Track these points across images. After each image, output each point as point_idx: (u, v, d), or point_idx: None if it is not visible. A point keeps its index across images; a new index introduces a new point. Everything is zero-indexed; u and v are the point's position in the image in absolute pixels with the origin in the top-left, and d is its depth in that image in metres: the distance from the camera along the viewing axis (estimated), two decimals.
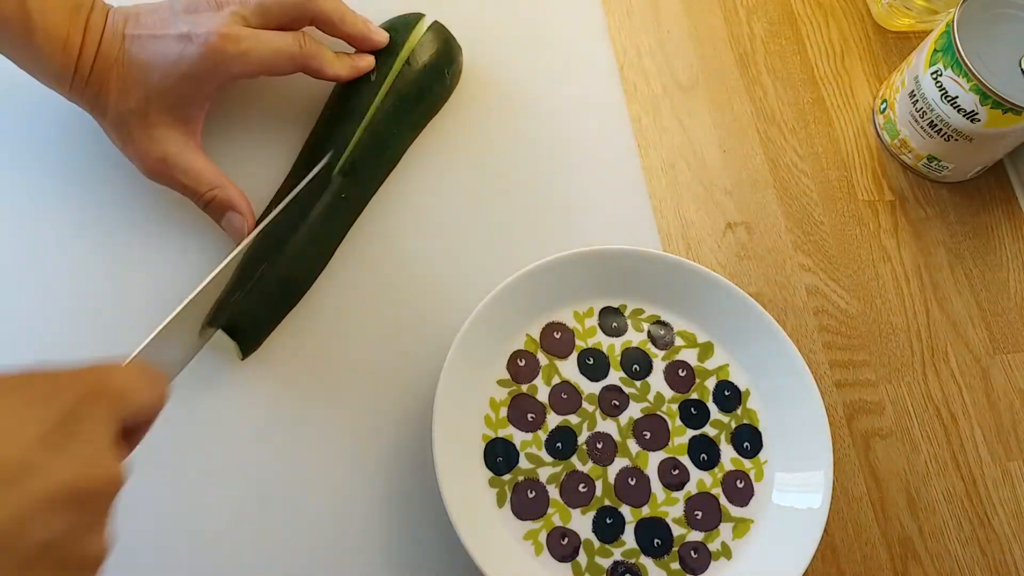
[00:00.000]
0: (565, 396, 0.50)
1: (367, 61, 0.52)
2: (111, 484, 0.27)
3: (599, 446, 0.49)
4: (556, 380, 0.50)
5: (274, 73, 0.48)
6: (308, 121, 0.54)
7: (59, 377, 0.27)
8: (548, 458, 0.49)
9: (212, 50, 0.45)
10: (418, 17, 0.55)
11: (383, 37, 0.52)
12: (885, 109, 0.62)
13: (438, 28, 0.55)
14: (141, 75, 0.45)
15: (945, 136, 0.58)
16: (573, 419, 0.50)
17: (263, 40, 0.46)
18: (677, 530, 0.48)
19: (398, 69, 0.53)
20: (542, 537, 0.47)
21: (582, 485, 0.48)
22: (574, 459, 0.49)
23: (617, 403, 0.50)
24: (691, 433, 0.50)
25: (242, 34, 0.45)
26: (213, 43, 0.44)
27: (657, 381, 0.51)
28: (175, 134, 0.46)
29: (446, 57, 0.55)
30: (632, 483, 0.49)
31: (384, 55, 0.53)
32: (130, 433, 0.30)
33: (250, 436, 0.48)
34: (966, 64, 0.53)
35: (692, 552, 0.48)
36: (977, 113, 0.55)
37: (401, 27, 0.54)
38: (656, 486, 0.49)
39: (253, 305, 0.47)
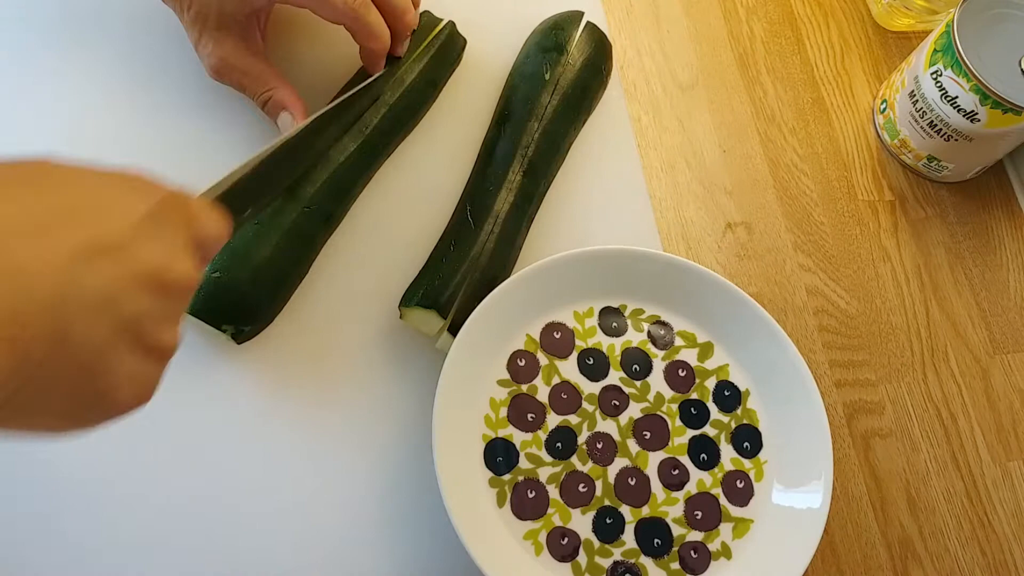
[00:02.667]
0: (565, 396, 0.50)
1: (394, 51, 0.53)
2: (189, 281, 0.29)
3: (599, 446, 0.49)
4: (556, 380, 0.50)
5: (318, 11, 0.49)
6: None
7: (150, 181, 0.29)
8: (548, 458, 0.49)
9: None
10: (579, 15, 0.58)
11: (415, 20, 0.53)
12: (885, 109, 0.62)
13: (592, 26, 0.58)
14: None
15: (945, 136, 0.58)
16: (573, 419, 0.50)
17: None
18: (677, 530, 0.48)
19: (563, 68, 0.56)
20: (542, 537, 0.47)
21: (582, 485, 0.48)
22: (574, 459, 0.49)
23: (617, 403, 0.50)
24: (691, 433, 0.50)
25: None
26: None
27: (657, 381, 0.51)
28: (234, 38, 0.50)
29: (602, 55, 0.58)
30: (632, 483, 0.49)
31: (553, 53, 0.56)
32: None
33: (248, 436, 0.48)
34: (966, 64, 0.53)
35: (692, 552, 0.48)
36: (977, 113, 0.55)
37: (566, 24, 0.57)
38: (656, 486, 0.49)
39: (468, 299, 0.49)
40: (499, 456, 0.48)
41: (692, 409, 0.51)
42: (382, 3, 0.50)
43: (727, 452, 0.50)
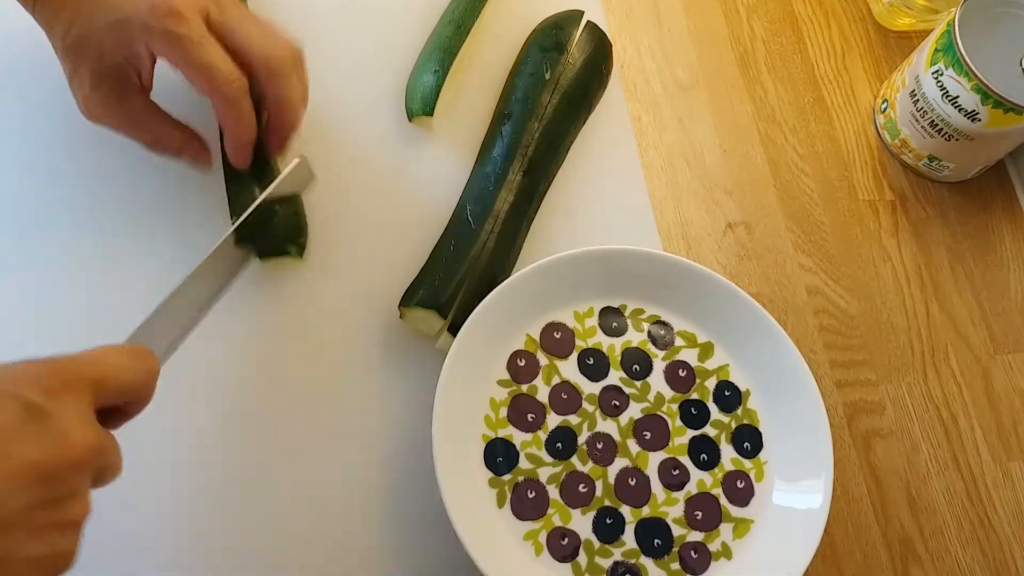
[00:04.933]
0: (565, 396, 0.50)
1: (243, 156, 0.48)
2: (80, 459, 0.30)
3: (599, 446, 0.49)
4: (556, 380, 0.50)
5: (193, 78, 0.43)
6: None
7: (24, 369, 0.30)
8: (548, 458, 0.49)
9: (155, 15, 0.41)
10: (579, 15, 0.58)
11: (297, 121, 0.48)
12: (886, 109, 0.62)
13: (592, 26, 0.58)
14: (90, 9, 0.43)
15: (946, 136, 0.58)
16: (573, 419, 0.50)
17: (207, 46, 0.42)
18: (677, 530, 0.48)
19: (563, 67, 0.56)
20: (542, 537, 0.47)
21: (582, 485, 0.48)
22: (574, 459, 0.49)
23: (617, 403, 0.50)
24: (691, 433, 0.50)
25: (193, 24, 0.42)
26: (161, 10, 0.41)
27: (657, 381, 0.51)
28: (112, 79, 0.44)
29: (603, 54, 0.58)
30: (632, 483, 0.49)
31: (553, 52, 0.56)
32: (126, 408, 0.34)
33: (247, 435, 0.48)
34: (967, 64, 0.53)
35: (692, 552, 0.48)
36: (978, 113, 0.55)
37: (566, 23, 0.57)
38: (656, 486, 0.49)
39: (468, 299, 0.49)
40: (499, 456, 0.48)
41: (692, 409, 0.51)
42: (267, 91, 0.45)
43: (727, 452, 0.50)
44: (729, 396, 0.51)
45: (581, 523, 0.48)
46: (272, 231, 0.48)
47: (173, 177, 0.52)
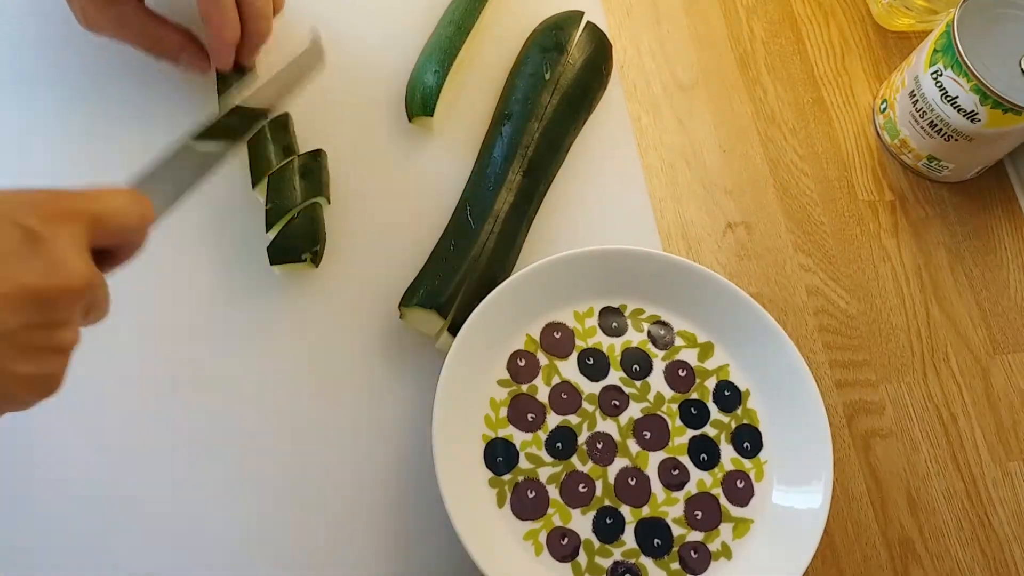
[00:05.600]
0: (565, 396, 0.50)
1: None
2: (75, 288, 0.30)
3: (599, 446, 0.49)
4: (556, 380, 0.50)
5: None
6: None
7: (24, 196, 0.31)
8: (548, 458, 0.49)
9: None
10: (579, 15, 0.58)
11: (267, 31, 0.50)
12: (885, 109, 0.62)
13: (592, 26, 0.58)
14: None
15: (945, 136, 0.58)
16: (573, 419, 0.50)
17: None
18: (677, 530, 0.48)
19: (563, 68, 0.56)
20: (542, 537, 0.47)
21: (582, 485, 0.48)
22: (574, 459, 0.49)
23: (617, 403, 0.50)
24: (691, 433, 0.50)
25: None
26: None
27: (657, 381, 0.51)
28: None
29: (603, 55, 0.58)
30: (632, 483, 0.49)
31: (553, 53, 0.56)
32: (117, 253, 0.35)
33: (247, 433, 0.48)
34: (966, 64, 0.53)
35: (692, 552, 0.48)
36: (977, 113, 0.55)
37: (566, 24, 0.57)
38: (656, 486, 0.49)
39: (468, 299, 0.49)
40: (499, 456, 0.48)
41: (692, 409, 0.51)
42: (241, 1, 0.47)
43: (727, 452, 0.50)
44: (729, 396, 0.51)
45: (581, 523, 0.48)
46: (288, 238, 0.49)
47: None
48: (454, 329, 0.48)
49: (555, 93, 0.55)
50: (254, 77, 0.52)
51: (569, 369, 0.51)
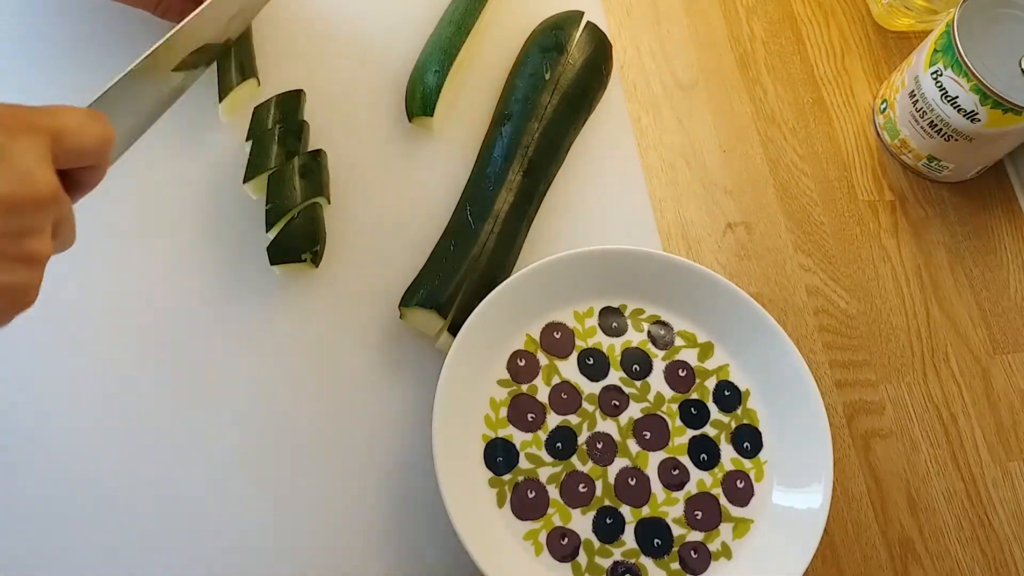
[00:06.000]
0: (565, 396, 0.50)
1: None
2: (42, 197, 0.31)
3: (599, 446, 0.49)
4: (556, 380, 0.50)
5: None
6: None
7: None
8: (548, 458, 0.49)
9: None
10: (579, 15, 0.58)
11: None
12: (885, 109, 0.62)
13: (592, 26, 0.58)
14: None
15: (945, 136, 0.58)
16: (573, 419, 0.50)
17: None
18: (677, 530, 0.48)
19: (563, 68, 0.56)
20: (542, 537, 0.47)
21: (582, 485, 0.48)
22: (574, 459, 0.49)
23: (617, 403, 0.50)
24: (691, 433, 0.50)
25: None
26: None
27: (657, 381, 0.51)
28: None
29: (603, 55, 0.58)
30: (632, 483, 0.49)
31: (553, 53, 0.56)
32: (79, 175, 0.35)
33: (248, 433, 0.48)
34: (966, 64, 0.53)
35: (692, 552, 0.48)
36: (977, 113, 0.55)
37: (566, 24, 0.57)
38: (656, 486, 0.49)
39: (468, 299, 0.49)
40: (499, 456, 0.48)
41: (692, 409, 0.51)
42: None
43: (727, 452, 0.50)
44: (729, 396, 0.51)
45: (581, 523, 0.48)
46: (288, 238, 0.49)
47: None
48: (454, 329, 0.48)
49: (555, 93, 0.55)
50: (256, 84, 0.53)
51: (569, 369, 0.51)
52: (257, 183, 0.50)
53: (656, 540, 0.48)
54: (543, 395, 0.50)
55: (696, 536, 0.48)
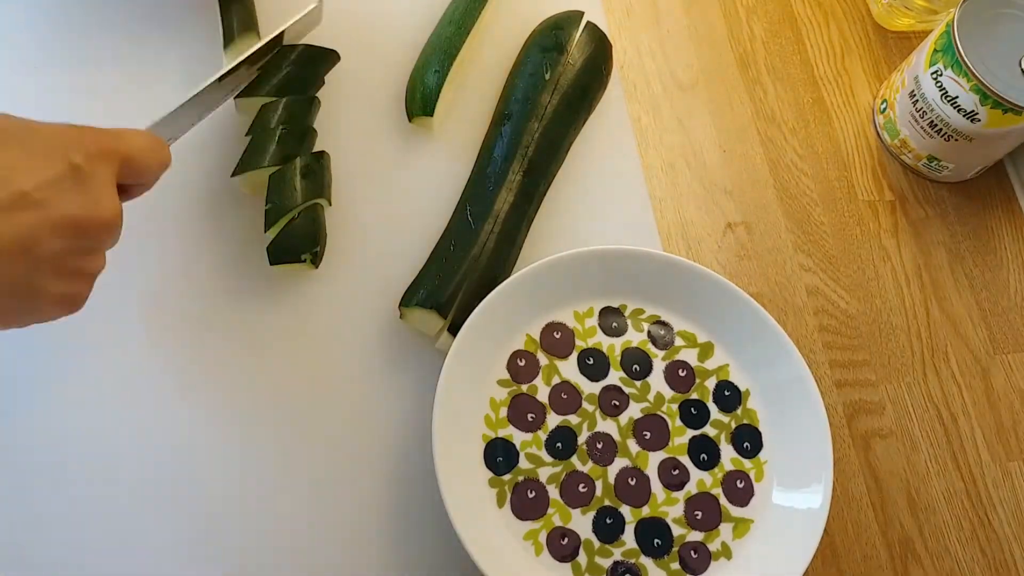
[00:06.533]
0: (565, 396, 0.50)
1: None
2: (109, 222, 0.34)
3: (599, 446, 0.49)
4: (556, 380, 0.50)
5: None
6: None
7: (70, 133, 0.34)
8: (548, 458, 0.49)
9: None
10: (579, 15, 0.58)
11: None
12: (885, 109, 0.62)
13: (592, 26, 0.58)
14: None
15: (945, 136, 0.58)
16: (573, 419, 0.50)
17: None
18: (677, 530, 0.48)
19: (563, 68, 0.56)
20: (542, 537, 0.47)
21: (582, 485, 0.48)
22: (574, 459, 0.49)
23: (617, 403, 0.50)
24: (691, 433, 0.50)
25: None
26: None
27: (657, 381, 0.51)
28: None
29: (603, 55, 0.58)
30: (632, 483, 0.49)
31: (553, 53, 0.56)
32: (130, 189, 0.38)
33: (248, 435, 0.48)
34: (966, 64, 0.53)
35: (692, 552, 0.48)
36: (977, 113, 0.55)
37: (566, 24, 0.57)
38: (656, 486, 0.49)
39: (468, 299, 0.49)
40: (499, 456, 0.48)
41: (692, 409, 0.51)
42: None
43: (727, 452, 0.50)
44: (729, 396, 0.51)
45: (581, 523, 0.48)
46: (288, 238, 0.49)
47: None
48: (454, 329, 0.48)
49: (555, 93, 0.55)
50: (256, 38, 0.54)
51: (569, 369, 0.51)
52: (249, 179, 0.50)
53: (656, 540, 0.48)
54: (543, 395, 0.50)
55: (696, 536, 0.48)
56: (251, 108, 0.51)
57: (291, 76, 0.52)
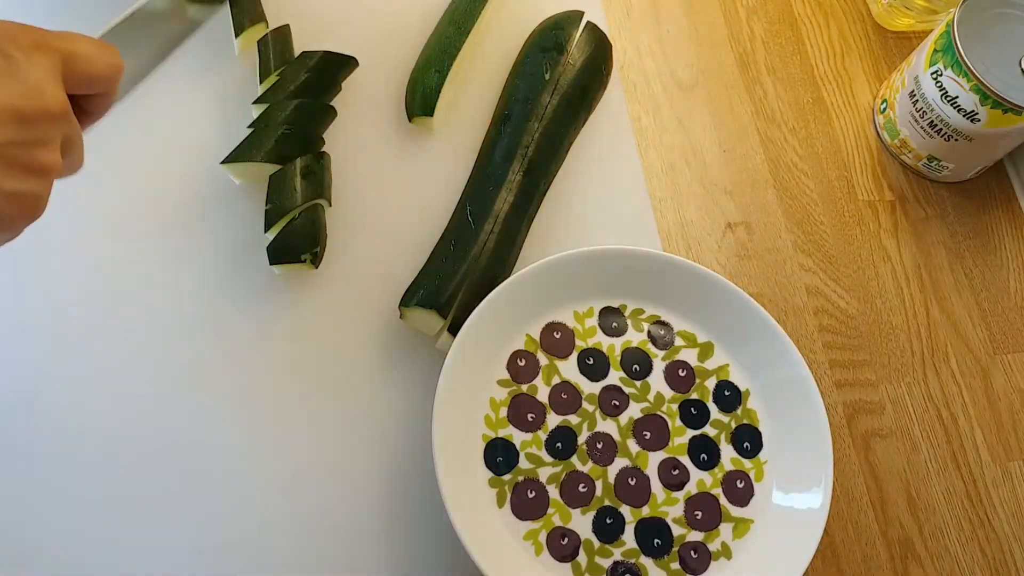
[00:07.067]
0: (565, 396, 0.50)
1: None
2: (53, 111, 0.32)
3: (599, 446, 0.49)
4: (556, 380, 0.50)
5: None
6: None
7: (5, 26, 0.32)
8: (548, 458, 0.49)
9: None
10: (579, 15, 0.58)
11: None
12: (885, 109, 0.62)
13: (592, 26, 0.58)
14: None
15: (945, 136, 0.58)
16: (573, 419, 0.50)
17: None
18: (677, 530, 0.48)
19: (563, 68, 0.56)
20: (542, 537, 0.47)
21: (582, 485, 0.48)
22: (574, 459, 0.49)
23: (617, 403, 0.50)
24: (691, 433, 0.50)
25: None
26: None
27: (657, 381, 0.51)
28: None
29: (603, 55, 0.58)
30: (632, 483, 0.49)
31: (553, 53, 0.56)
32: (87, 103, 0.36)
33: (248, 434, 0.48)
34: (966, 64, 0.53)
35: (692, 552, 0.48)
36: (977, 113, 0.55)
37: (566, 24, 0.57)
38: (656, 486, 0.49)
39: (468, 299, 0.49)
40: (499, 456, 0.48)
41: (692, 409, 0.51)
42: None
43: (727, 452, 0.50)
44: (729, 396, 0.51)
45: (581, 523, 0.48)
46: (288, 238, 0.49)
47: None
48: (454, 329, 0.48)
49: (555, 93, 0.55)
50: None
51: (569, 369, 0.51)
52: (240, 170, 0.50)
53: (656, 540, 0.48)
54: (543, 395, 0.50)
55: (696, 536, 0.48)
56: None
57: (309, 82, 0.52)
